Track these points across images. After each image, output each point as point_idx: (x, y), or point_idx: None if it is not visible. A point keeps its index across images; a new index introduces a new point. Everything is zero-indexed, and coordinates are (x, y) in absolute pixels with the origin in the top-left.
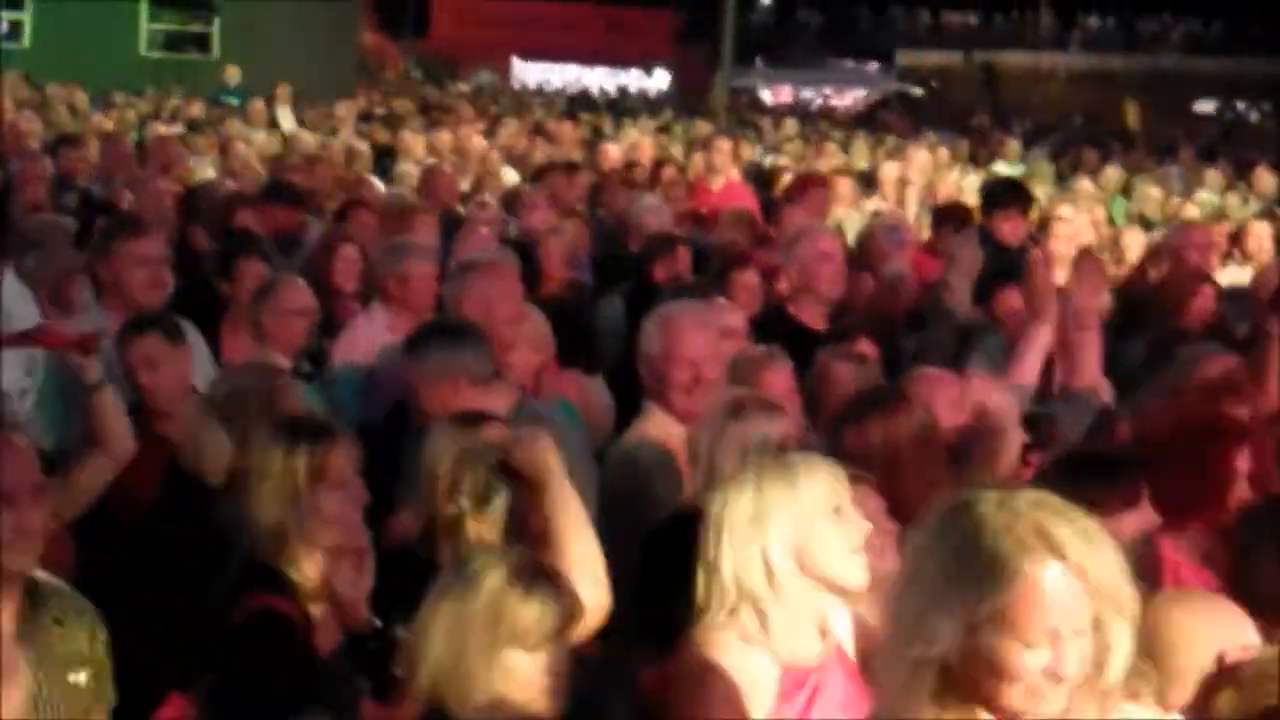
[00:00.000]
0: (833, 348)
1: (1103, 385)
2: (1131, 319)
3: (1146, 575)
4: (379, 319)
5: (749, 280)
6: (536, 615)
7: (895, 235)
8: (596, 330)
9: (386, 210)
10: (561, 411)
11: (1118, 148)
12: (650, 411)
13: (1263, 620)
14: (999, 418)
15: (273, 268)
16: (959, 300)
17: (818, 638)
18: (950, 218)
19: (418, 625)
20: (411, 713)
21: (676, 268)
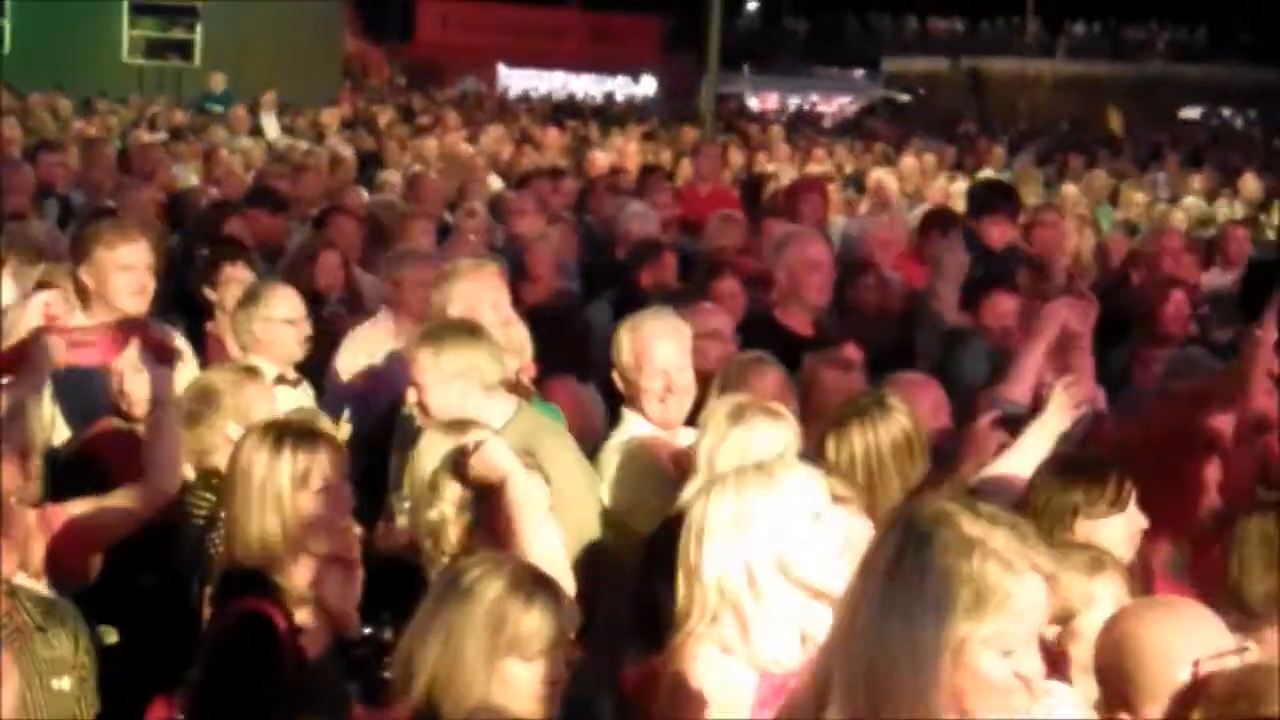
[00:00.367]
0: (819, 353)
1: (1097, 394)
2: (1112, 325)
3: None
4: (384, 325)
5: (728, 288)
6: (536, 624)
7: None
8: (589, 336)
9: (381, 218)
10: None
11: (1104, 154)
12: (627, 419)
13: (1248, 624)
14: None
15: (258, 275)
16: (946, 306)
17: (798, 643)
18: (937, 223)
19: (413, 631)
20: (402, 717)
21: (663, 274)
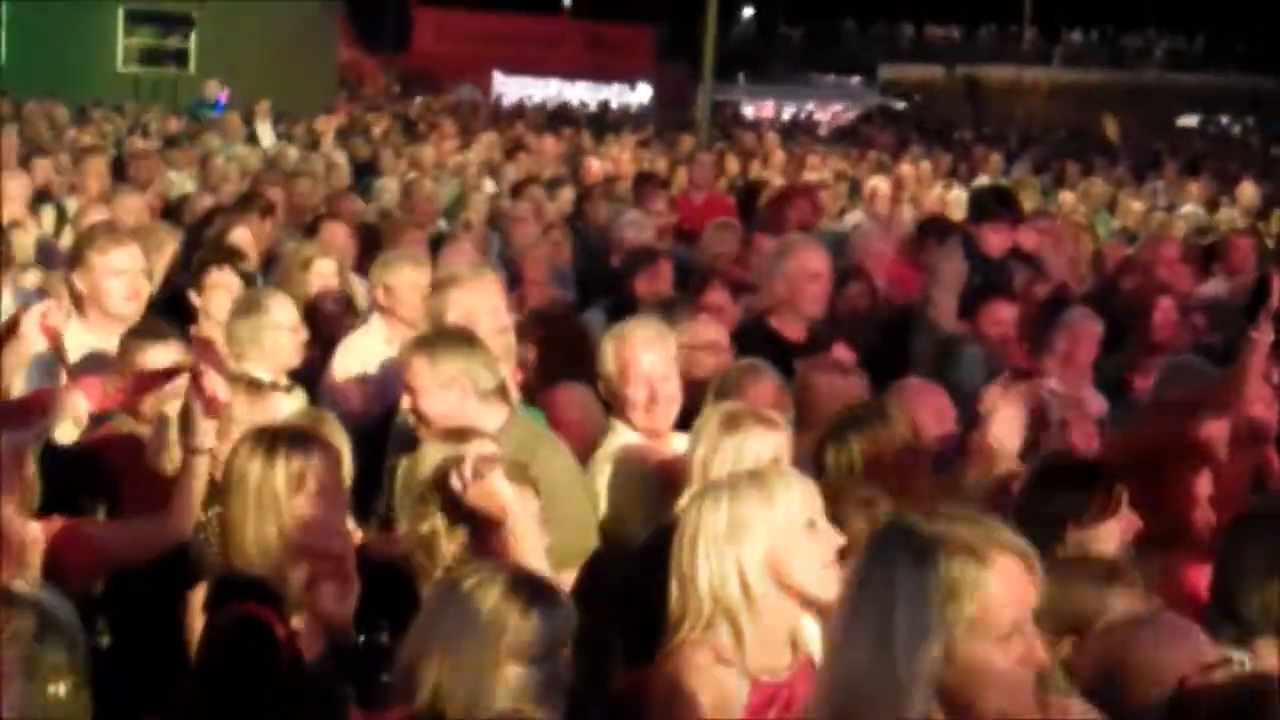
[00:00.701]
0: (811, 359)
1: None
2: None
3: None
4: (376, 331)
5: (717, 300)
6: (535, 629)
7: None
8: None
9: (376, 226)
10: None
11: (1101, 162)
12: (615, 429)
13: (1242, 637)
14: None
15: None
16: (943, 314)
17: (790, 650)
18: (933, 231)
19: (412, 641)
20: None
21: (658, 282)
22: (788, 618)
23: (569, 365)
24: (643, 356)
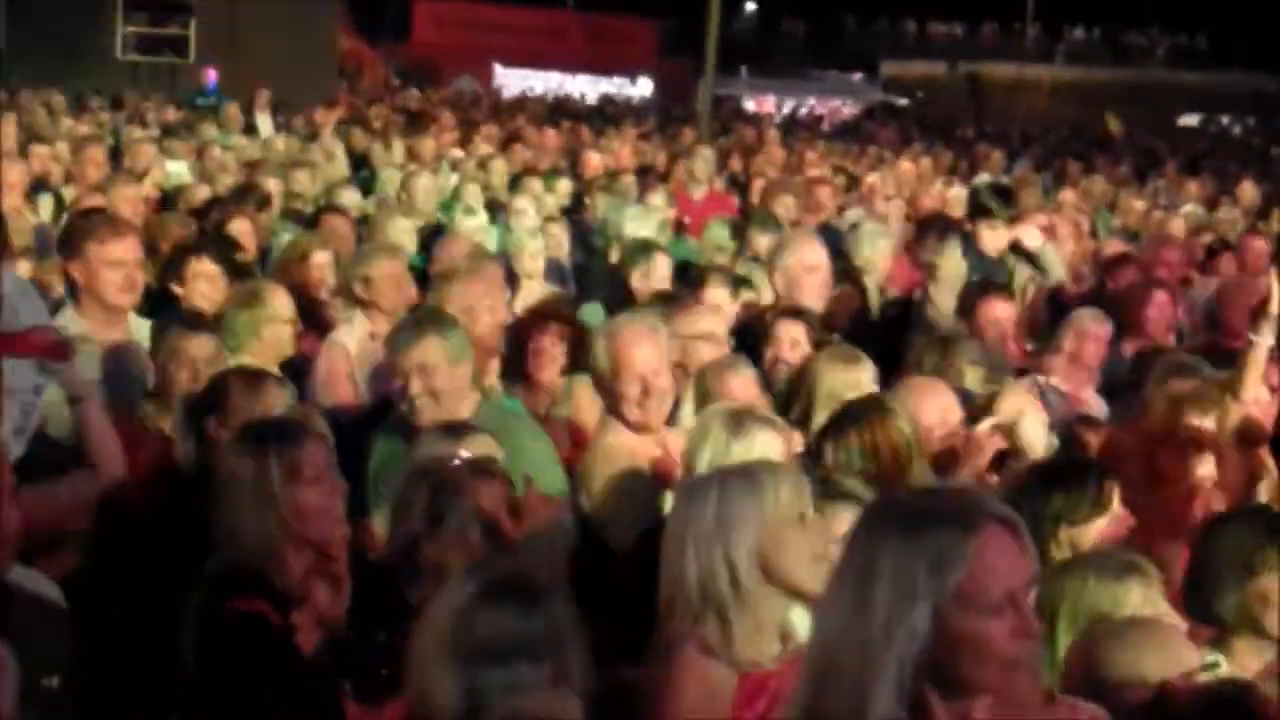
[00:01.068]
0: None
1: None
2: None
3: None
4: (360, 326)
5: (716, 296)
6: (528, 628)
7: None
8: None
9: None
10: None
11: (1102, 161)
12: (609, 424)
13: (1218, 637)
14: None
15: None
16: (940, 311)
17: (780, 642)
18: (933, 228)
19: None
20: (397, 714)
21: (657, 276)
22: (777, 610)
23: (572, 359)
24: (635, 352)
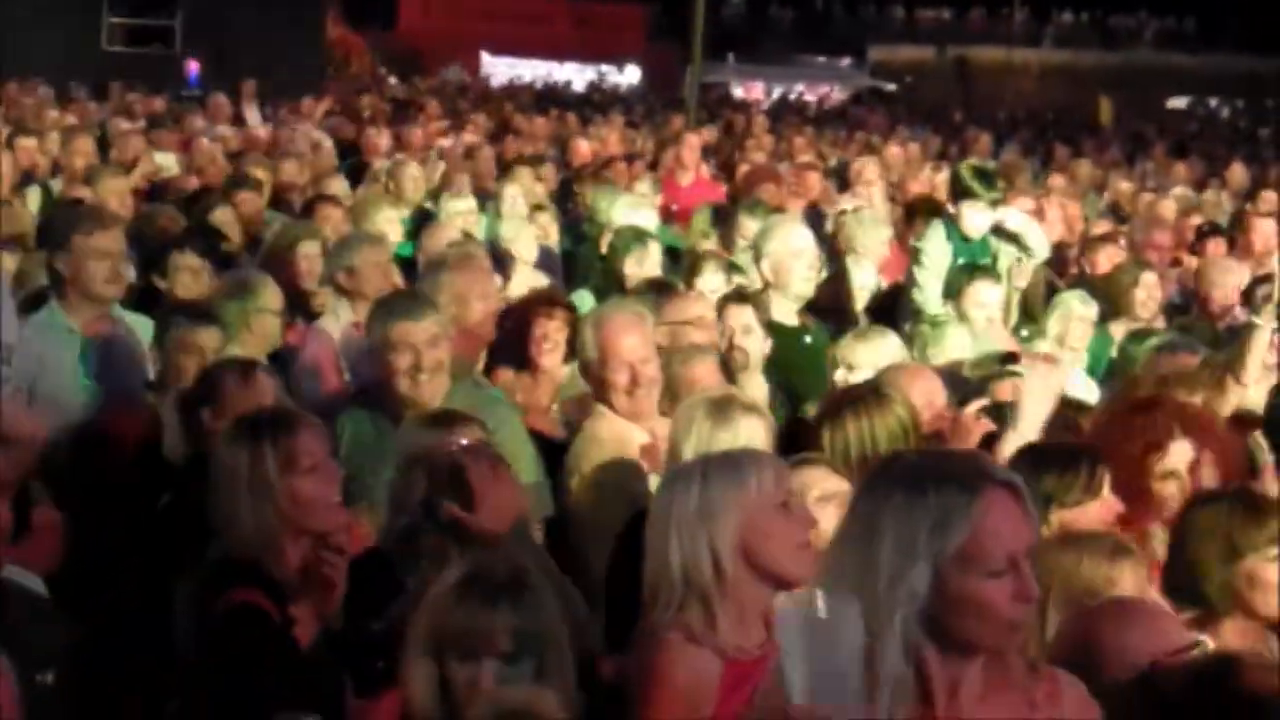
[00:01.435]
0: None
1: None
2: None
3: None
4: (345, 316)
5: (710, 283)
6: (517, 620)
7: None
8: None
9: (354, 207)
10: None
11: (1090, 145)
12: (598, 412)
13: (1203, 619)
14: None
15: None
16: (928, 296)
17: (764, 629)
18: (921, 212)
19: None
20: (394, 705)
21: (647, 264)
22: (761, 598)
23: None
24: (622, 340)
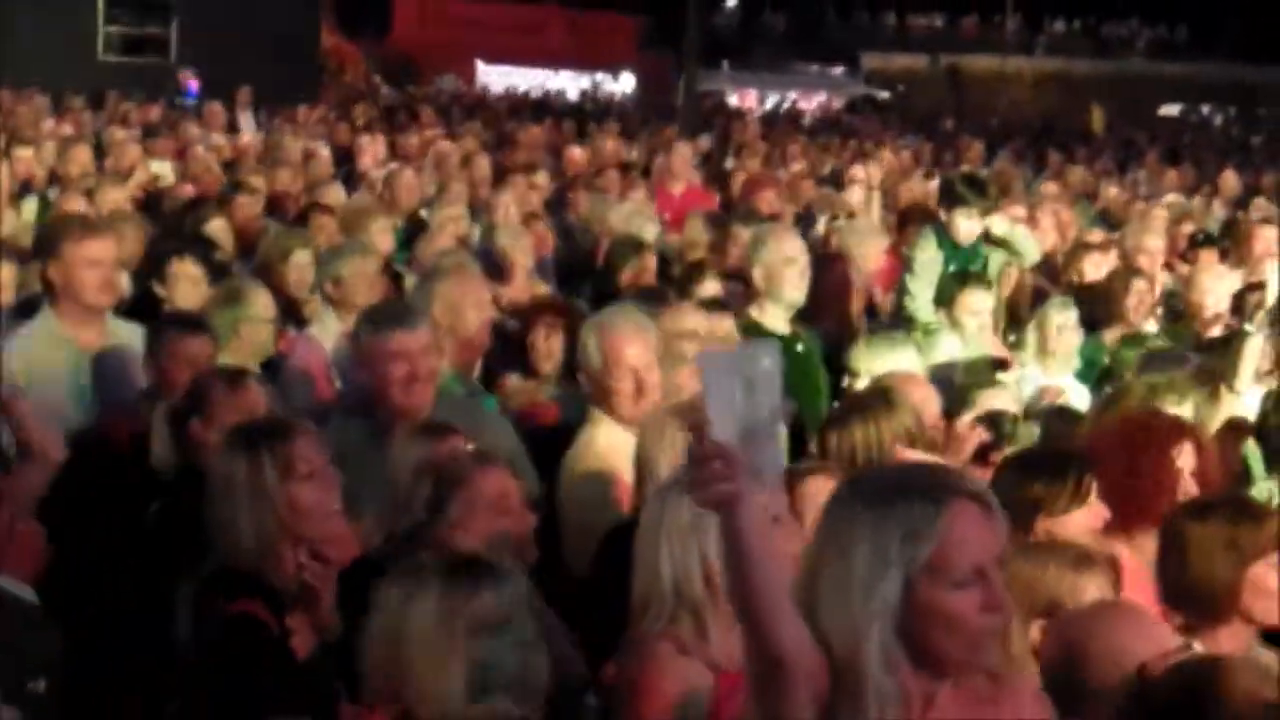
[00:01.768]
0: None
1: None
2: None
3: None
4: (331, 327)
5: (710, 291)
6: (486, 603)
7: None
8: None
9: (345, 216)
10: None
11: (1082, 153)
12: (596, 419)
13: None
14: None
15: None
16: (919, 303)
17: None
18: (914, 220)
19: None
20: (388, 715)
21: (643, 273)
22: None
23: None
24: (628, 348)
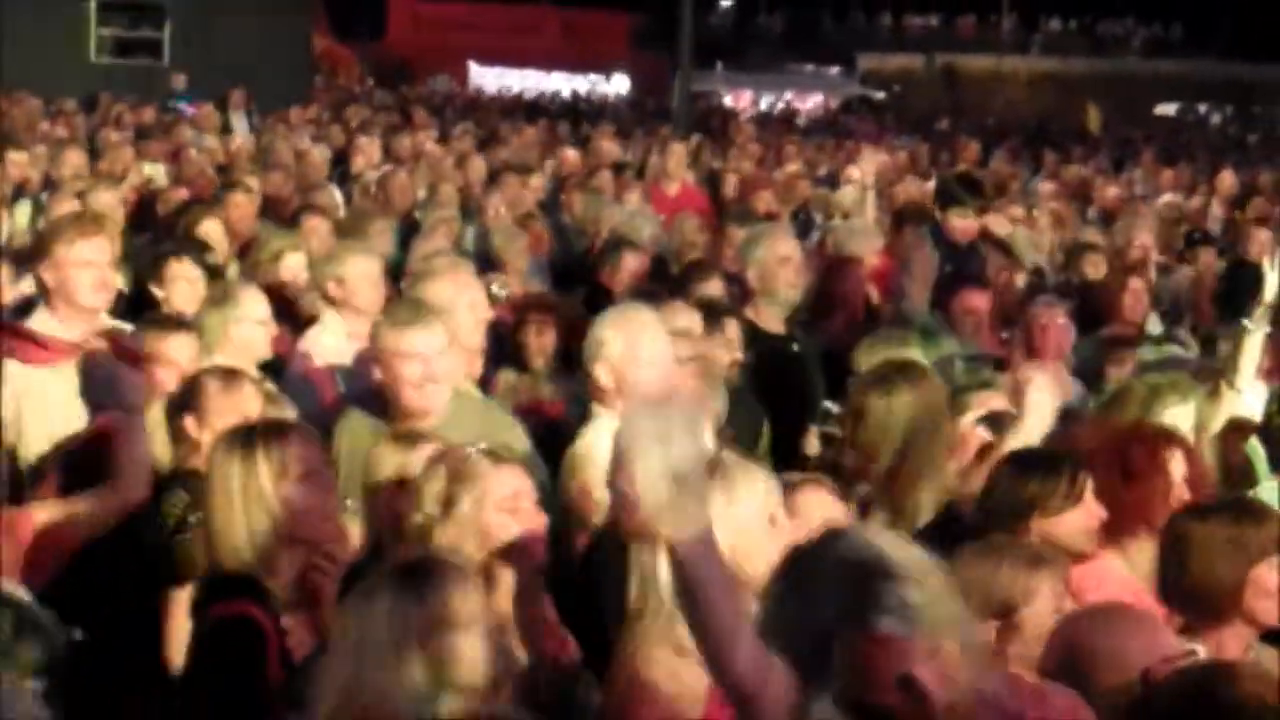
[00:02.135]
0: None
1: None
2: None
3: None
4: (333, 327)
5: (709, 291)
6: (434, 609)
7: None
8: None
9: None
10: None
11: (1078, 152)
12: (599, 416)
13: (1196, 628)
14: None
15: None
16: (916, 304)
17: None
18: (910, 220)
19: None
20: None
21: (636, 273)
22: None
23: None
24: (650, 342)
